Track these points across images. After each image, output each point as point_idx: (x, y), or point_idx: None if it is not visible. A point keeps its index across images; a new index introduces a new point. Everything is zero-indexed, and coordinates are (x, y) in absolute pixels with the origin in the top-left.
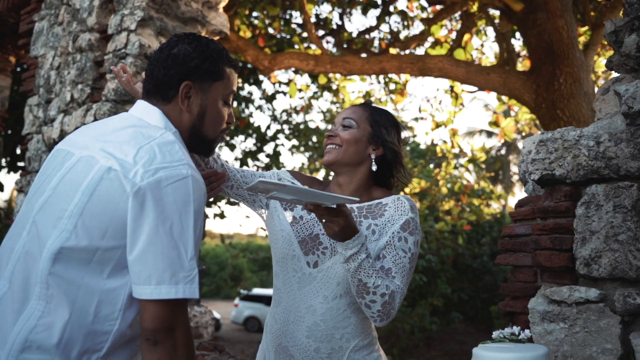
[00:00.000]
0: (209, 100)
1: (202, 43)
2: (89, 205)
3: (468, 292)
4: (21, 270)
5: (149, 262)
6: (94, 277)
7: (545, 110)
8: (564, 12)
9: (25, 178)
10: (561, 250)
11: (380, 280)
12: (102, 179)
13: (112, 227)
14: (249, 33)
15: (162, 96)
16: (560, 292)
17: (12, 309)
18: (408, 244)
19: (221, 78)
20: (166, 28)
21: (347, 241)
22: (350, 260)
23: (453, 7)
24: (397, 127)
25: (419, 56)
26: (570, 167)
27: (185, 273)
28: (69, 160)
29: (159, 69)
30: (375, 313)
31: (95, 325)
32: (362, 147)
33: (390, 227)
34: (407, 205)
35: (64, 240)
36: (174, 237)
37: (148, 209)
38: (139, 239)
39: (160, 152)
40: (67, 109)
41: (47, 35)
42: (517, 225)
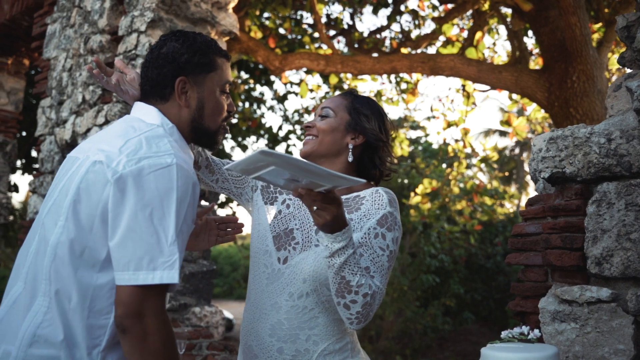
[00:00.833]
0: (206, 92)
1: (190, 38)
2: (77, 198)
3: (481, 292)
4: (32, 270)
5: (128, 249)
6: (86, 272)
7: (558, 109)
8: (577, 9)
9: (39, 179)
10: (572, 249)
11: (364, 279)
12: (88, 171)
13: (98, 218)
14: (259, 34)
15: (160, 95)
16: (571, 291)
17: (23, 306)
18: (386, 241)
19: (214, 69)
20: (176, 29)
21: (336, 233)
22: (336, 255)
23: (464, 6)
24: (380, 115)
25: (430, 55)
26: (581, 164)
27: (164, 259)
28: (74, 165)
29: (152, 69)
30: (354, 315)
31: (92, 320)
32: (339, 136)
33: (366, 221)
34: (385, 199)
35: (59, 235)
36: (154, 223)
37: (128, 196)
38: (119, 226)
39: (147, 143)
40: (79, 110)
41: (59, 37)
42: (528, 224)
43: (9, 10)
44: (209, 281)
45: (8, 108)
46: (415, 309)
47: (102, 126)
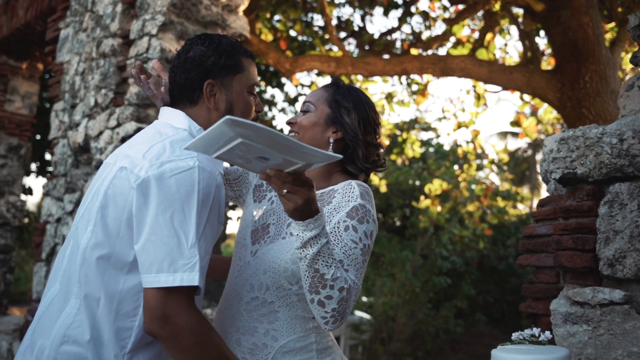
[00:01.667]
0: (234, 93)
1: (215, 40)
2: (105, 203)
3: (493, 294)
4: (67, 273)
5: (151, 252)
6: (113, 275)
7: (571, 109)
8: (589, 8)
9: (52, 182)
10: (584, 250)
11: (340, 272)
12: (114, 177)
13: (124, 222)
14: (270, 36)
15: (188, 99)
16: (583, 293)
17: (58, 307)
18: (358, 234)
19: (240, 70)
20: (187, 32)
21: (308, 220)
22: (309, 245)
23: (475, 7)
24: (362, 106)
25: (441, 56)
26: (593, 165)
27: (184, 261)
28: (106, 170)
29: (180, 74)
30: (329, 312)
31: (118, 322)
32: (319, 131)
33: (336, 214)
34: (356, 191)
35: (88, 239)
36: (174, 226)
37: (151, 199)
38: (143, 229)
39: (170, 147)
40: (91, 114)
41: (72, 41)
42: (539, 225)
43: (24, 15)
44: (220, 283)
45: (22, 112)
46: (427, 310)
47: (114, 129)
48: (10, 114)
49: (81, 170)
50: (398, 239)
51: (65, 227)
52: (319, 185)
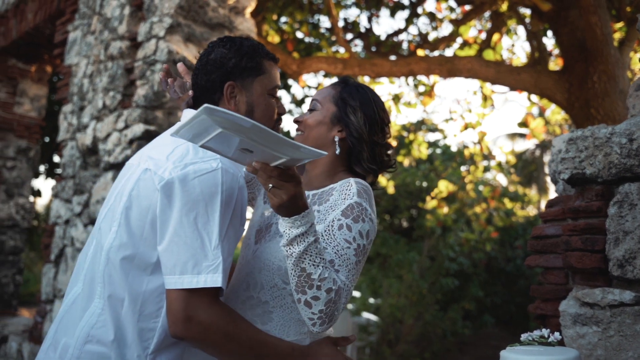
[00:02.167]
0: (254, 95)
1: (236, 42)
2: (129, 204)
3: (501, 295)
4: (90, 273)
5: (174, 253)
6: (137, 276)
7: (579, 110)
8: (597, 8)
9: (61, 184)
10: (593, 251)
11: (328, 272)
12: (139, 179)
13: (148, 224)
14: (277, 38)
15: (209, 101)
16: (592, 294)
17: (81, 306)
18: (352, 233)
19: (262, 72)
20: (194, 34)
21: (294, 216)
22: (295, 243)
23: (482, 7)
24: (370, 105)
25: (448, 57)
26: (602, 165)
27: (208, 262)
28: (129, 171)
29: (201, 76)
30: (316, 314)
31: (142, 323)
32: (324, 129)
33: (331, 212)
34: (353, 189)
35: (112, 240)
36: (198, 228)
37: (174, 201)
38: (166, 231)
39: (193, 149)
40: (100, 116)
41: (80, 44)
42: (547, 226)
43: (33, 18)
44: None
45: (31, 114)
46: (434, 312)
47: (122, 131)
48: (19, 117)
49: (89, 172)
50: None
51: (74, 229)
52: (323, 184)
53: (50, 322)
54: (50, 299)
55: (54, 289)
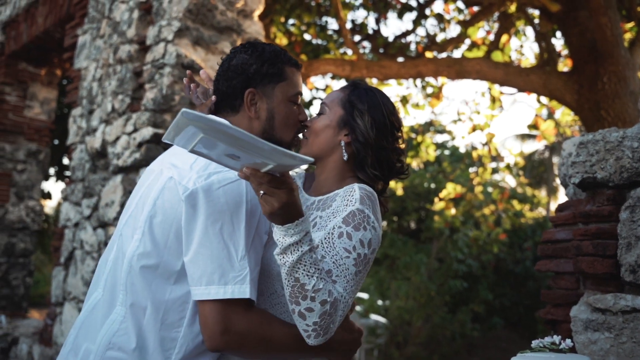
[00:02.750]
0: (275, 102)
1: (258, 48)
2: (153, 213)
3: (510, 298)
4: (111, 279)
5: (200, 264)
6: (160, 285)
7: (589, 111)
8: (607, 9)
9: (70, 187)
10: (604, 256)
11: (323, 283)
12: (164, 188)
13: (172, 233)
14: (285, 40)
15: (230, 107)
16: (604, 300)
17: (102, 313)
18: (352, 242)
19: (283, 78)
20: (202, 37)
21: (287, 225)
22: (288, 252)
23: (490, 9)
24: (378, 108)
25: (456, 59)
26: (613, 169)
27: (235, 273)
28: (151, 176)
29: (222, 81)
30: (311, 326)
31: (163, 332)
32: (330, 133)
33: (332, 219)
34: (356, 195)
35: (135, 248)
36: (224, 238)
37: (199, 211)
38: (192, 242)
39: None
40: (109, 119)
41: (89, 48)
42: (558, 230)
43: (43, 23)
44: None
45: (41, 117)
46: (443, 314)
47: (131, 134)
48: (29, 120)
49: (99, 175)
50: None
51: (84, 232)
52: (330, 189)
53: (60, 324)
54: (60, 301)
55: (63, 291)
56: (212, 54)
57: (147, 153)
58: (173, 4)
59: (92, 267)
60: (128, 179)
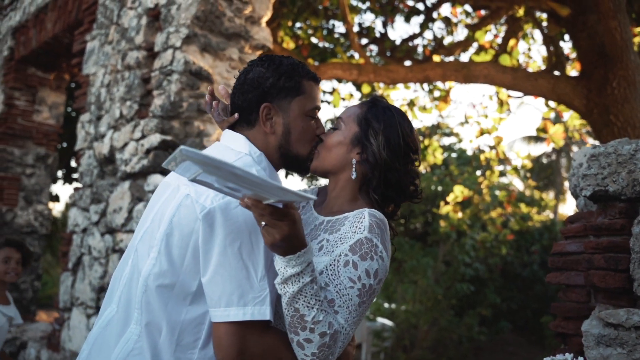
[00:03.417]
0: (291, 117)
1: (275, 61)
2: (170, 231)
3: (517, 301)
4: (125, 296)
5: (218, 284)
6: (177, 305)
7: (597, 116)
8: (617, 13)
9: (78, 192)
10: (616, 270)
11: (323, 315)
12: (180, 205)
13: (189, 253)
14: (292, 44)
15: (246, 121)
16: (616, 315)
17: (116, 330)
18: (357, 271)
19: (300, 93)
20: (210, 44)
21: (289, 256)
22: (289, 283)
23: (498, 12)
24: (394, 129)
25: (464, 63)
26: (625, 182)
27: (254, 294)
28: (167, 191)
29: (238, 95)
30: (309, 356)
31: (178, 353)
32: (343, 150)
33: (339, 245)
34: (365, 222)
35: (151, 267)
36: (243, 258)
37: (217, 231)
38: (209, 262)
39: None
40: (117, 125)
41: (98, 54)
42: (569, 242)
43: (52, 28)
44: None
45: (50, 122)
46: (450, 318)
47: (139, 141)
48: (38, 124)
49: (107, 181)
50: (420, 245)
51: (91, 237)
52: (341, 209)
53: (68, 330)
54: (68, 307)
55: (71, 297)
56: (220, 60)
57: (154, 160)
58: (181, 10)
59: (100, 272)
60: (136, 185)
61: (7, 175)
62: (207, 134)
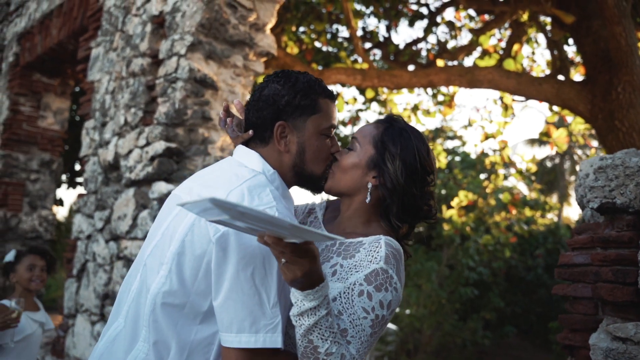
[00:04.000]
0: (306, 136)
1: (292, 78)
2: (182, 250)
3: (522, 305)
4: (133, 311)
5: (230, 310)
6: (186, 325)
7: (602, 121)
8: (622, 18)
9: (83, 199)
10: (625, 283)
11: (336, 347)
12: (193, 225)
13: (201, 274)
14: (296, 49)
15: (260, 139)
16: (625, 328)
17: (124, 347)
18: (372, 302)
19: (316, 111)
20: (215, 52)
21: (307, 291)
22: (305, 316)
23: (502, 17)
24: (411, 153)
25: (468, 68)
26: (633, 195)
27: (266, 321)
28: (179, 206)
29: (253, 112)
30: None
31: None
32: (359, 173)
33: (354, 273)
34: (381, 252)
35: (161, 285)
36: (256, 284)
37: (230, 254)
38: (222, 286)
39: (249, 195)
40: (121, 132)
41: (102, 60)
42: (575, 253)
43: (57, 35)
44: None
45: (54, 127)
46: (454, 322)
47: (144, 148)
48: (42, 130)
49: (111, 188)
50: (424, 249)
51: (96, 244)
52: (354, 230)
53: (72, 336)
54: (73, 313)
55: (76, 303)
56: (225, 67)
57: (159, 167)
58: (186, 18)
59: (105, 279)
60: (140, 192)
61: (11, 181)
62: (212, 141)
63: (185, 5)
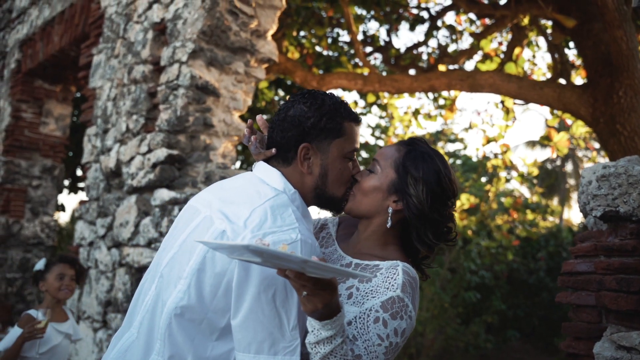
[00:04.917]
0: (329, 159)
1: (318, 100)
2: (202, 267)
3: (524, 308)
4: (147, 323)
5: (250, 330)
6: (203, 341)
7: (604, 125)
8: (623, 22)
9: (85, 206)
10: (628, 292)
11: None
12: None
13: (221, 292)
14: (297, 54)
15: (283, 158)
16: (629, 337)
17: (137, 358)
18: (387, 329)
19: (341, 135)
20: (216, 58)
21: (325, 321)
22: (322, 344)
23: (503, 21)
24: (434, 177)
25: (469, 72)
26: (637, 204)
27: (285, 343)
28: (196, 218)
29: (277, 132)
30: None
31: None
32: (379, 197)
33: (370, 299)
34: (398, 280)
35: (179, 300)
36: (277, 306)
37: (252, 275)
38: (242, 305)
39: (272, 215)
40: (123, 139)
41: (104, 67)
42: (579, 261)
43: (58, 41)
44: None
45: (56, 134)
46: (456, 326)
47: (145, 155)
48: (44, 136)
49: (113, 195)
50: None
51: (98, 251)
52: (371, 252)
53: (74, 343)
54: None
55: (78, 310)
56: (226, 74)
57: (161, 174)
58: (187, 25)
59: (107, 286)
60: (142, 199)
61: (13, 187)
62: (213, 147)
63: (187, 12)
